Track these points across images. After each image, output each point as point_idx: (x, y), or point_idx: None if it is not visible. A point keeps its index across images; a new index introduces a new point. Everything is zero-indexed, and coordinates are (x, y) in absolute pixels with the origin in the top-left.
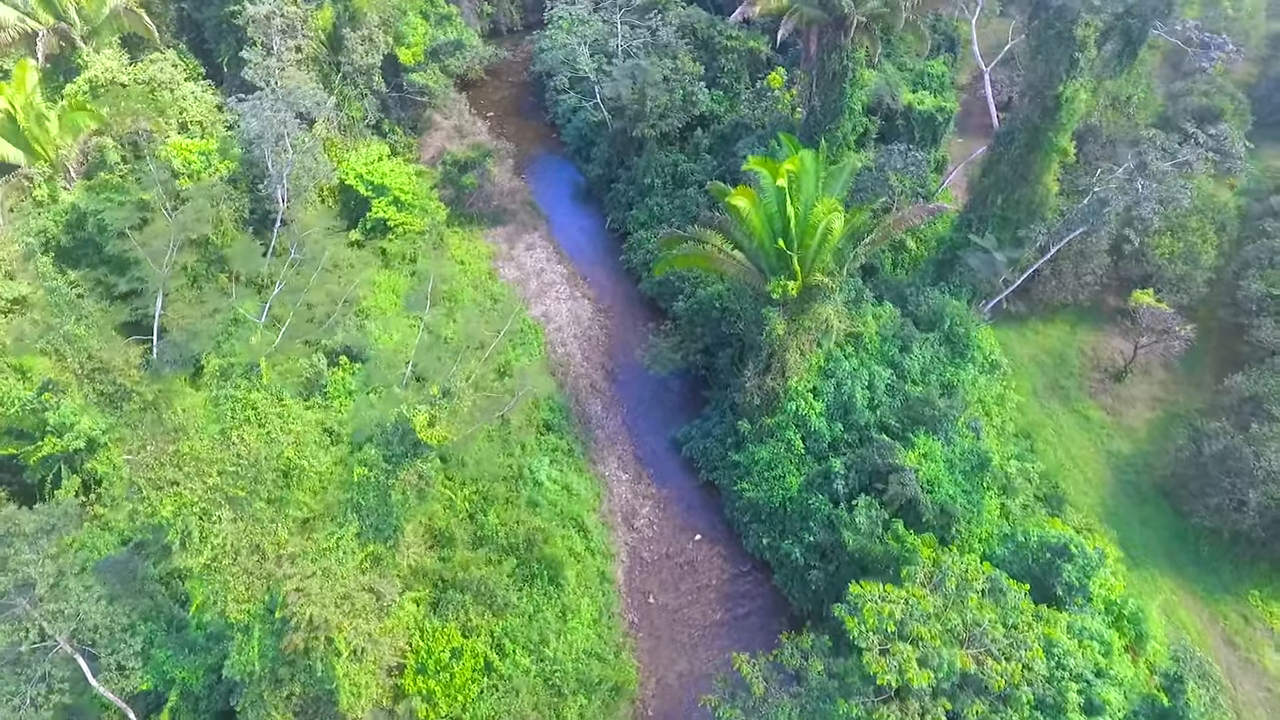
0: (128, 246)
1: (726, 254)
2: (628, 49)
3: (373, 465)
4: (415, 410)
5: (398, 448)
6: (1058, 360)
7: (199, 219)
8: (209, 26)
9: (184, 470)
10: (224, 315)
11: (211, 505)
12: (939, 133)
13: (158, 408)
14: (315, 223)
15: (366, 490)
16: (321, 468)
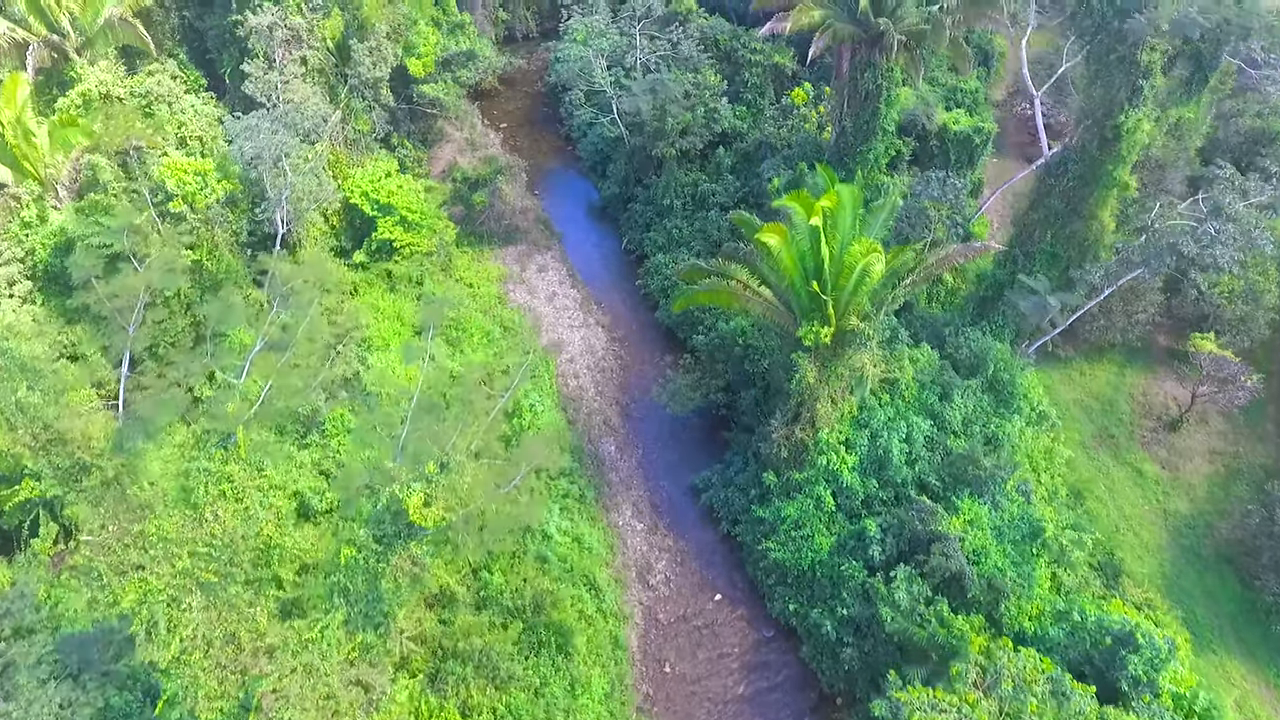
0: (93, 300)
1: (753, 291)
2: (647, 62)
3: (362, 546)
4: (409, 490)
5: (389, 528)
6: (1106, 406)
7: (170, 270)
8: (211, 36)
9: (150, 553)
10: (198, 379)
11: (181, 591)
12: (975, 155)
13: (121, 483)
14: (305, 270)
15: (355, 573)
16: (306, 545)
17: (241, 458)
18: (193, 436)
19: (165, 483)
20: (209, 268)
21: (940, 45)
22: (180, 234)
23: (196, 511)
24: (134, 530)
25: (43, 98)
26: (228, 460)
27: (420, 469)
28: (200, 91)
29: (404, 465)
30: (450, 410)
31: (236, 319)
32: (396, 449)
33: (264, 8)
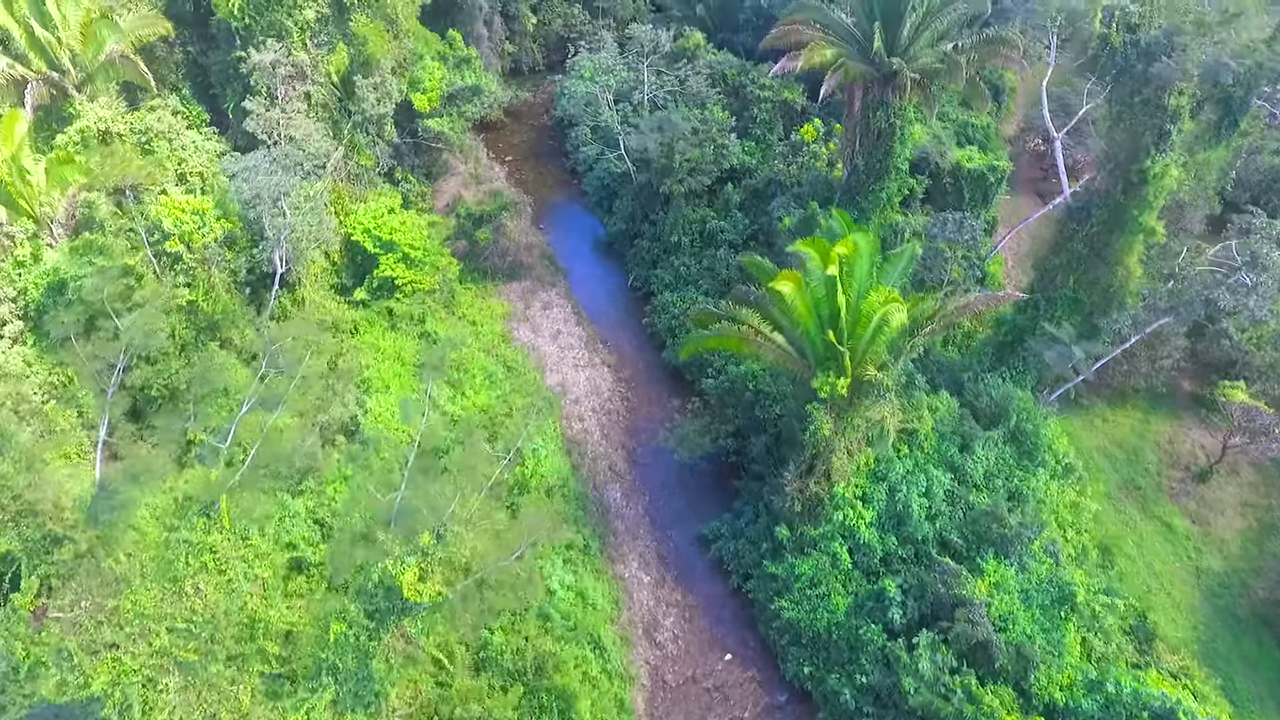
0: (70, 361)
1: (765, 337)
2: (654, 98)
3: (353, 622)
4: (403, 564)
5: (382, 602)
6: (1131, 455)
7: (149, 332)
8: (215, 71)
9: (126, 630)
10: (179, 444)
11: (157, 671)
12: (990, 194)
13: (95, 556)
14: (297, 326)
15: (345, 651)
16: (294, 617)
17: (225, 527)
18: (174, 504)
19: (143, 554)
20: (205, 308)
21: (957, 85)
22: (176, 274)
23: (176, 585)
24: (108, 606)
25: (41, 134)
26: (210, 529)
27: (415, 540)
28: (203, 127)
29: (398, 537)
30: (451, 456)
31: (220, 379)
32: (392, 513)
33: (267, 44)
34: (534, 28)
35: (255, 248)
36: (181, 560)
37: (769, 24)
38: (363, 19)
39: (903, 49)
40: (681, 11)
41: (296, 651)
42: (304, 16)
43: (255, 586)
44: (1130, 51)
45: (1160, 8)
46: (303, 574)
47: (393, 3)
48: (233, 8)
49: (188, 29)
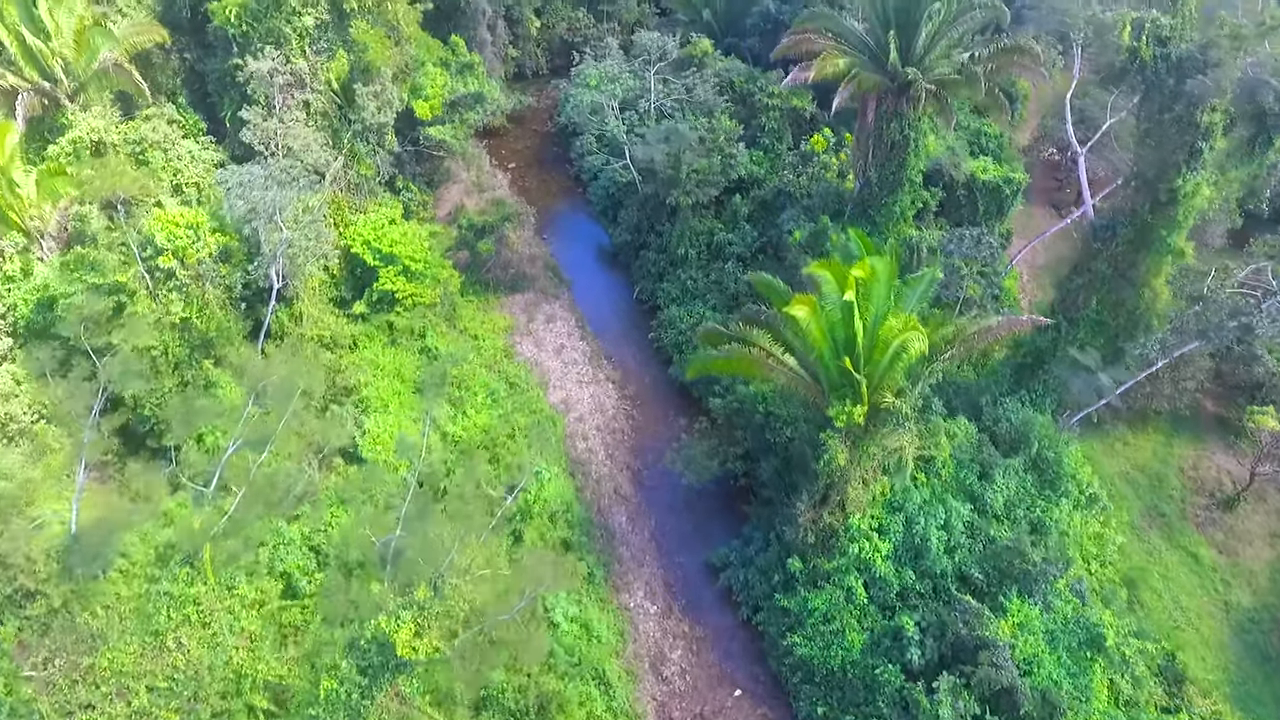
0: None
1: (776, 359)
2: (661, 106)
3: (344, 679)
4: (397, 620)
5: (375, 658)
6: (1154, 480)
7: (126, 372)
8: (213, 80)
9: (102, 689)
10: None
11: None
12: (1005, 206)
13: (70, 610)
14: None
15: (335, 709)
16: (283, 670)
17: (209, 579)
18: (155, 553)
19: (122, 607)
20: (198, 325)
21: (975, 96)
22: (169, 290)
23: (157, 639)
24: (84, 664)
25: (33, 145)
26: (193, 580)
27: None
28: (199, 136)
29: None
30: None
31: (206, 416)
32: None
33: (265, 52)
34: (538, 32)
35: (251, 263)
36: (163, 613)
37: (777, 29)
38: (363, 25)
39: (918, 58)
40: (687, 16)
41: (285, 708)
42: (303, 23)
43: (242, 640)
44: (1161, 66)
45: (1193, 20)
46: (297, 602)
47: (394, 9)
48: (229, 15)
49: (184, 36)
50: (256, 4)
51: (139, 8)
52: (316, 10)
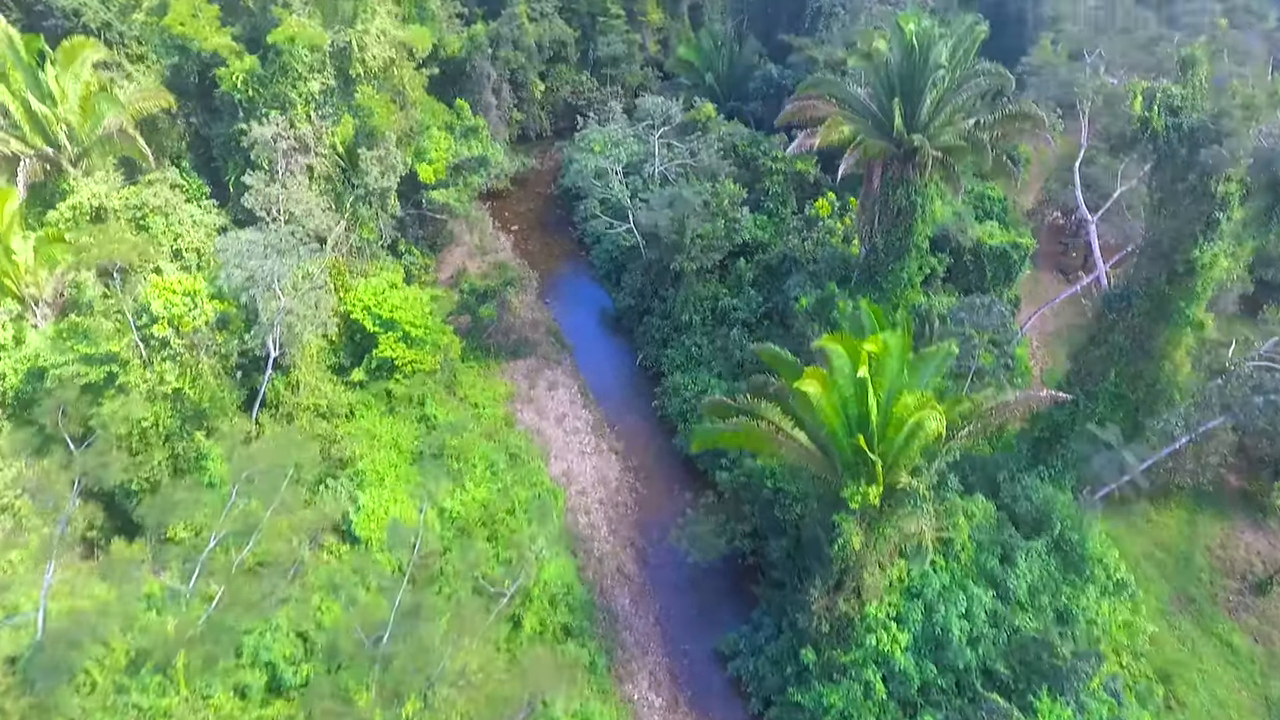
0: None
1: (786, 433)
2: (665, 171)
3: None
4: None
5: None
6: (1181, 561)
7: (103, 464)
8: (217, 144)
9: None
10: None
11: None
12: (1013, 272)
13: None
14: (271, 449)
15: None
16: None
17: (182, 689)
18: (125, 659)
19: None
20: (191, 396)
21: (982, 163)
22: (163, 360)
23: None
24: None
25: (34, 210)
26: (165, 690)
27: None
28: (202, 199)
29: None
30: (448, 558)
31: (182, 514)
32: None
33: (269, 118)
34: (541, 95)
35: (249, 331)
36: None
37: (780, 94)
38: (368, 91)
39: (922, 125)
40: (690, 80)
41: None
42: (308, 88)
43: None
44: (1173, 136)
45: (1204, 90)
46: (281, 698)
47: (400, 75)
48: (236, 81)
49: (191, 100)
50: (263, 70)
51: (148, 72)
52: (323, 76)
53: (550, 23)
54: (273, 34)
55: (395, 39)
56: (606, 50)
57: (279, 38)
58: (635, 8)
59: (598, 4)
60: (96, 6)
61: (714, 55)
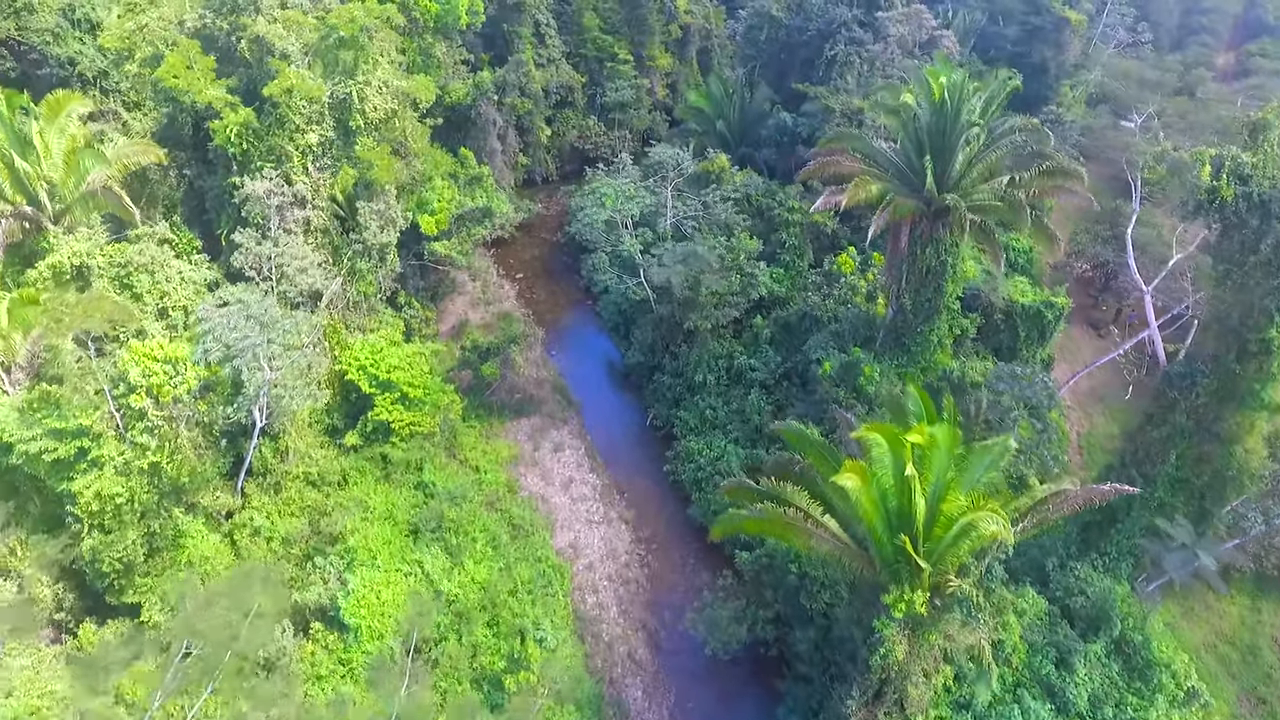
0: None
1: (816, 521)
2: (678, 223)
3: None
4: None
5: None
6: (1247, 655)
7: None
8: (210, 196)
9: None
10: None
11: None
12: (1047, 332)
13: None
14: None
15: None
16: None
17: None
18: None
19: None
20: (169, 472)
21: (1021, 225)
22: (139, 432)
23: None
24: None
25: (11, 269)
26: None
27: None
28: (193, 254)
29: None
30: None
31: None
32: None
33: (263, 172)
34: (548, 140)
35: (234, 400)
36: None
37: (793, 141)
38: (368, 143)
39: (953, 182)
40: (700, 126)
41: None
42: (306, 141)
43: None
44: (1243, 205)
45: (1276, 158)
46: None
47: (401, 127)
48: (229, 134)
49: (185, 152)
50: (259, 123)
51: (145, 118)
52: (321, 128)
53: (557, 68)
54: (268, 86)
55: (397, 90)
56: (614, 96)
57: (275, 91)
58: (643, 53)
59: (605, 49)
60: (93, 55)
61: (725, 102)
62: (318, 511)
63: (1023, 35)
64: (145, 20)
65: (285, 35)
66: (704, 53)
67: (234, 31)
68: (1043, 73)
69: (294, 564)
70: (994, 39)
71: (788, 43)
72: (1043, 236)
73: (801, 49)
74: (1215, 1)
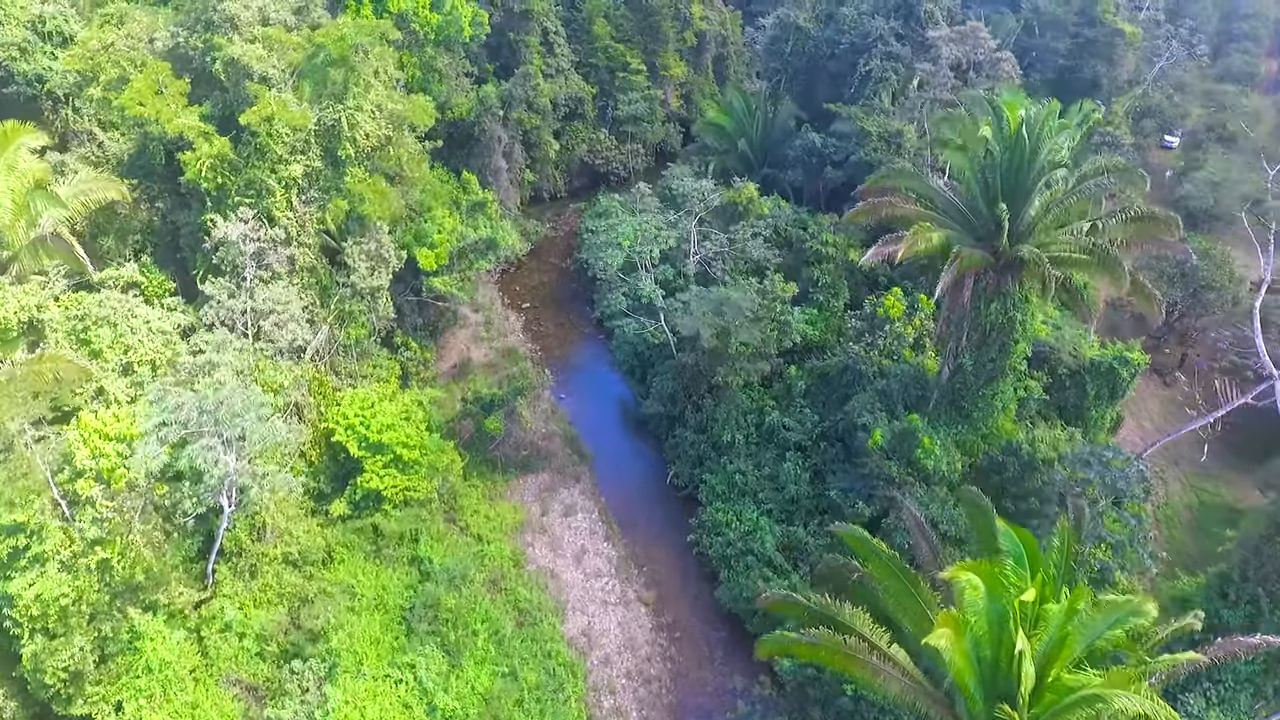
0: None
1: (883, 654)
2: (703, 260)
3: None
4: None
5: None
6: None
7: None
8: (185, 233)
9: None
10: None
11: None
12: (1120, 390)
13: None
14: None
15: None
16: None
17: None
18: None
19: None
20: (120, 571)
21: (1118, 284)
22: (88, 524)
23: None
24: None
25: None
26: None
27: None
28: (166, 297)
29: None
30: None
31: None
32: None
33: (239, 212)
34: (556, 154)
35: (194, 492)
36: None
37: (822, 162)
38: (359, 174)
39: (1026, 227)
40: (719, 145)
41: None
42: (289, 173)
43: None
44: None
45: None
46: None
47: (396, 154)
48: (201, 169)
49: (157, 183)
50: (236, 154)
51: (122, 139)
52: (307, 158)
53: (566, 79)
54: (244, 115)
55: (392, 114)
56: (627, 109)
57: (252, 119)
58: (656, 62)
59: (616, 58)
60: (63, 71)
61: (746, 119)
62: (298, 598)
63: (1073, 49)
64: (112, 38)
65: (265, 57)
66: (719, 61)
67: (209, 51)
68: (1094, 90)
69: (270, 663)
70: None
71: (816, 56)
72: (1142, 296)
73: (831, 63)
74: (1256, 6)
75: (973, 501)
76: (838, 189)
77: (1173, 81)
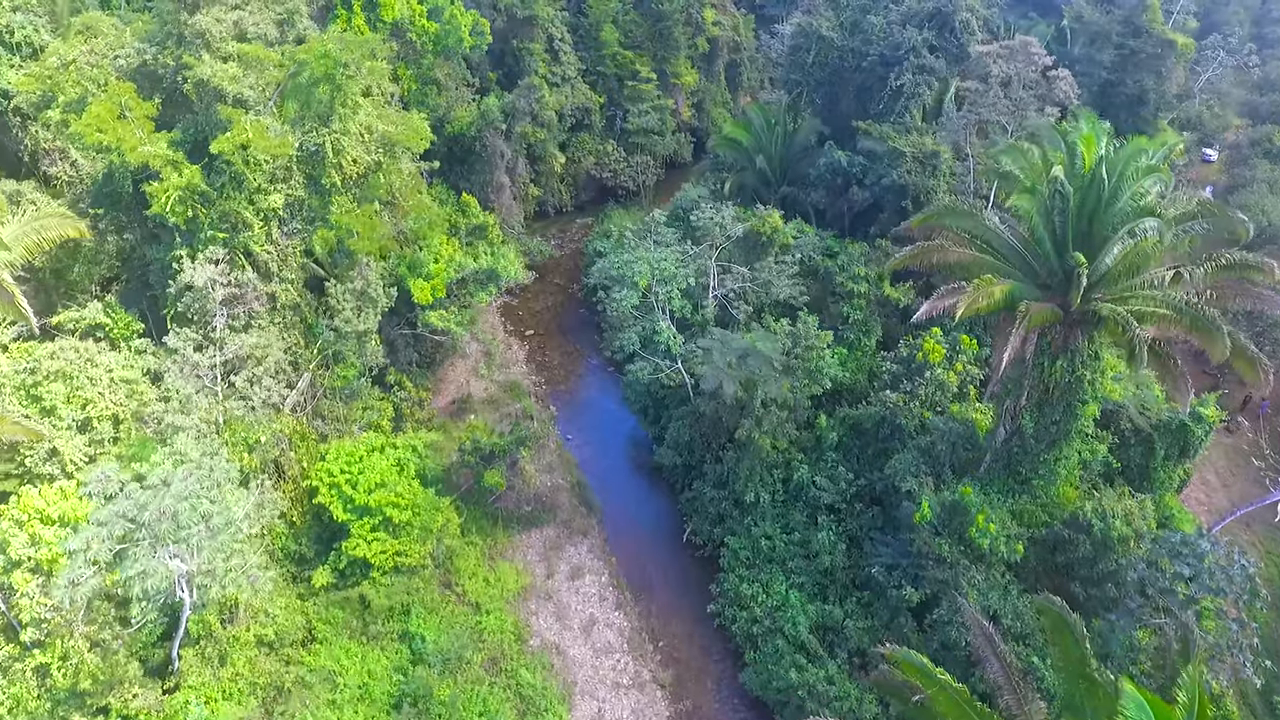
0: None
1: None
2: (725, 295)
3: None
4: None
5: None
6: None
7: None
8: (155, 269)
9: None
10: None
11: None
12: (1191, 449)
13: None
14: None
15: None
16: None
17: None
18: None
19: None
20: (60, 681)
21: (1217, 349)
22: (25, 625)
23: None
24: None
25: None
26: None
27: None
28: (133, 339)
29: None
30: None
31: None
32: None
33: (209, 251)
34: (562, 167)
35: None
36: None
37: (847, 183)
38: (345, 203)
39: (1099, 277)
40: (736, 161)
41: None
42: (269, 204)
43: None
44: None
45: None
46: None
47: (387, 182)
48: (168, 200)
49: (124, 214)
50: (208, 185)
51: (91, 161)
52: (288, 186)
53: (573, 88)
54: (216, 142)
55: (383, 137)
56: (637, 121)
57: (225, 147)
58: (667, 69)
59: (625, 66)
60: (31, 85)
61: (765, 134)
62: (274, 688)
63: (1117, 61)
64: (73, 55)
65: (241, 77)
66: (732, 68)
67: (180, 70)
68: (1140, 105)
69: None
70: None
71: (840, 67)
72: (1244, 362)
73: (857, 75)
74: None
75: (1056, 616)
76: (864, 211)
77: (1213, 92)
